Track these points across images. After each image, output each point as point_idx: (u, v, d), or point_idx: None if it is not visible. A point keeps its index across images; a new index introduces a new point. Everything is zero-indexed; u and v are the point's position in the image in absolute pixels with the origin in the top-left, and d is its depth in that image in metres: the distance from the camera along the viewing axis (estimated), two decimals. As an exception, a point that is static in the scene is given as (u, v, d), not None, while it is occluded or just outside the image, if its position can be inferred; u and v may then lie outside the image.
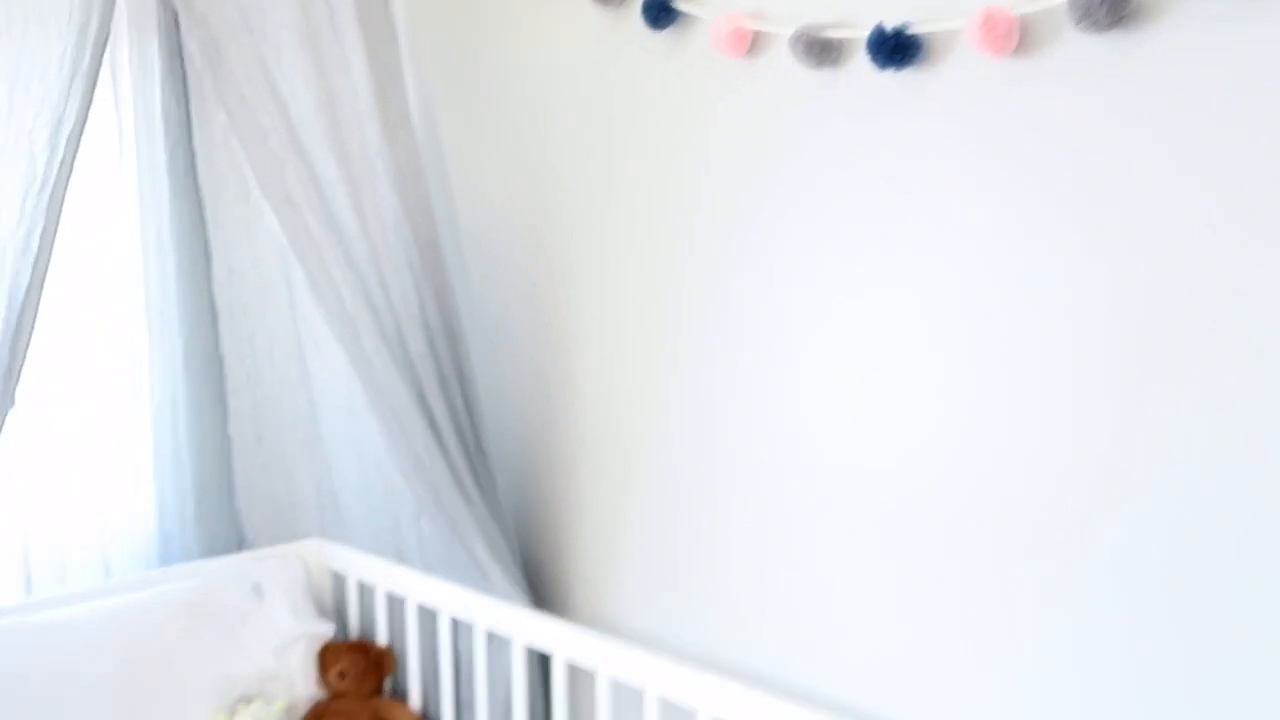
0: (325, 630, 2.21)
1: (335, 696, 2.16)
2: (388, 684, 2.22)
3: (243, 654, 2.08)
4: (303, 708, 2.14)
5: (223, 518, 2.30)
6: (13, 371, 1.73)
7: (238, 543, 2.34)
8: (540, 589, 2.08)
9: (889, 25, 1.44)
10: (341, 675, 2.15)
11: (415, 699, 2.16)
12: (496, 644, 1.99)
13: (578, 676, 1.93)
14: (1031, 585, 1.42)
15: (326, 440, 2.30)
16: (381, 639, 2.21)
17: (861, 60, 1.49)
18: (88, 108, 1.74)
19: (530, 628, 1.91)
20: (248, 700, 2.05)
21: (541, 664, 2.01)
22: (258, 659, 2.09)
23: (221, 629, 2.08)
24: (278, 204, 1.92)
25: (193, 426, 2.30)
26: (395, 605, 2.20)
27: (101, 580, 2.19)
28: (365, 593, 2.27)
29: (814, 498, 1.65)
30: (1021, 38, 1.35)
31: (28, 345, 1.74)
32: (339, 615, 2.32)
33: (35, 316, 1.74)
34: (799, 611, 1.69)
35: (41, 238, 1.71)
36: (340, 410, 2.25)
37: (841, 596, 1.64)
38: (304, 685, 2.14)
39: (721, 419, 1.77)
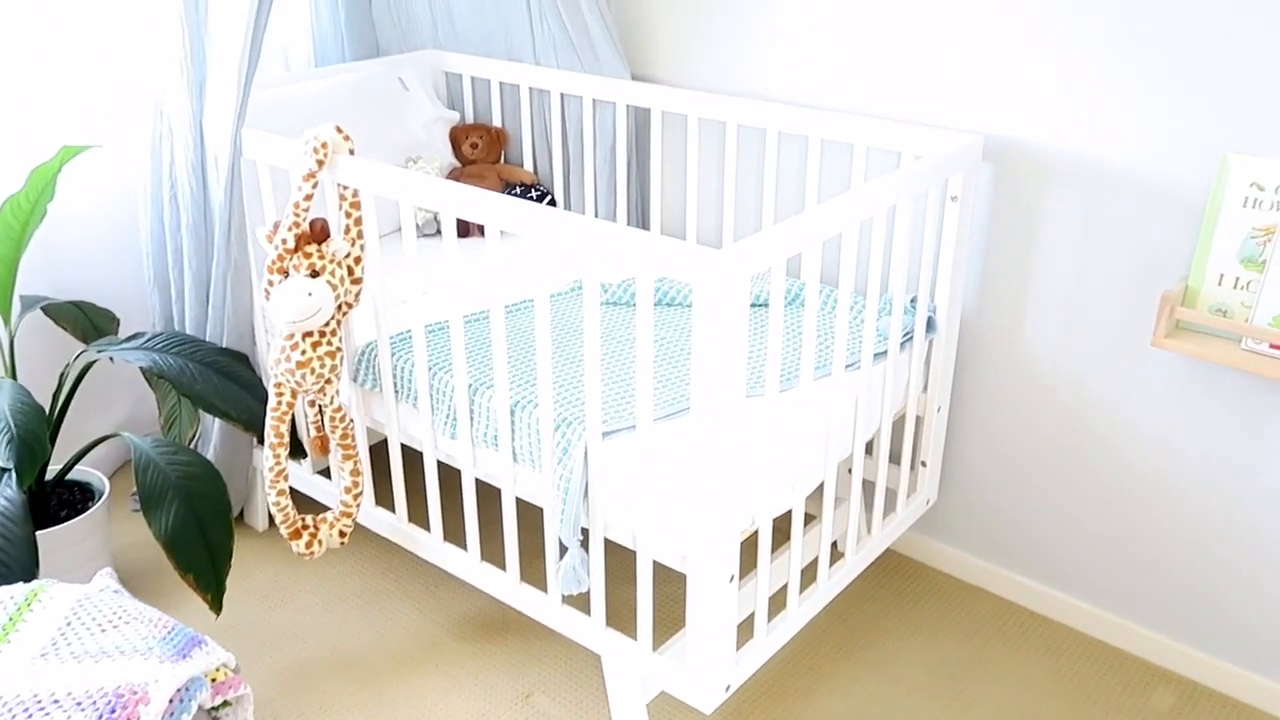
0: (453, 116, 2.89)
1: (468, 163, 2.88)
2: (503, 156, 2.94)
3: (403, 128, 2.75)
4: (447, 169, 2.86)
5: (365, 27, 2.87)
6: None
7: (375, 50, 2.94)
8: (633, 68, 2.72)
9: None
10: (474, 146, 2.86)
11: (529, 164, 2.90)
12: (602, 108, 2.68)
13: (670, 121, 2.66)
14: None
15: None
16: (497, 122, 2.90)
17: None
18: None
19: (630, 90, 2.58)
20: (415, 159, 2.75)
21: (638, 122, 2.71)
22: (412, 132, 2.77)
23: (383, 109, 2.73)
24: None
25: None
26: (509, 93, 2.87)
27: (284, 72, 2.80)
28: (479, 86, 2.93)
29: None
30: None
31: None
32: (457, 106, 2.99)
33: None
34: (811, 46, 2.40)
35: None
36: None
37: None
38: (445, 154, 2.85)
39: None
